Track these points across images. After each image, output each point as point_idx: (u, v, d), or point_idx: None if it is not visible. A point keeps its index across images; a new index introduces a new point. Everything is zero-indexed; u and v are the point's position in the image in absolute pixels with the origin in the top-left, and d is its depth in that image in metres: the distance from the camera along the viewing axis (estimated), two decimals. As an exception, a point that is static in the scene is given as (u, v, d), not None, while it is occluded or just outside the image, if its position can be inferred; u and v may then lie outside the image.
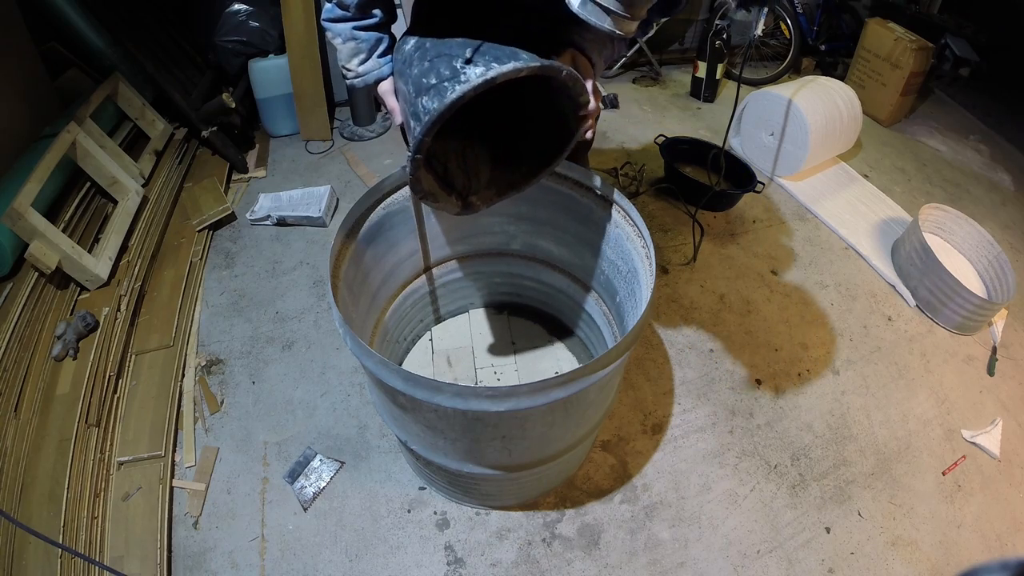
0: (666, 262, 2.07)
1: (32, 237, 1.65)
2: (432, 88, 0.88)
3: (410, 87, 0.92)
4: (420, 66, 0.92)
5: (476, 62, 0.87)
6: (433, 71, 0.89)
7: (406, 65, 0.95)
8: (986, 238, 2.11)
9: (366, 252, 1.25)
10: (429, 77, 0.89)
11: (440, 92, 0.87)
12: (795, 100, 2.27)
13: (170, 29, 2.49)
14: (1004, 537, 1.48)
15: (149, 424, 1.50)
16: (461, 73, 0.87)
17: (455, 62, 0.88)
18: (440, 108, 0.85)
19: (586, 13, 0.82)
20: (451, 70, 0.88)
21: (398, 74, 0.98)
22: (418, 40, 0.96)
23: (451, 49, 0.91)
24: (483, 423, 0.99)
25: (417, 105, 0.90)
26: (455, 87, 0.85)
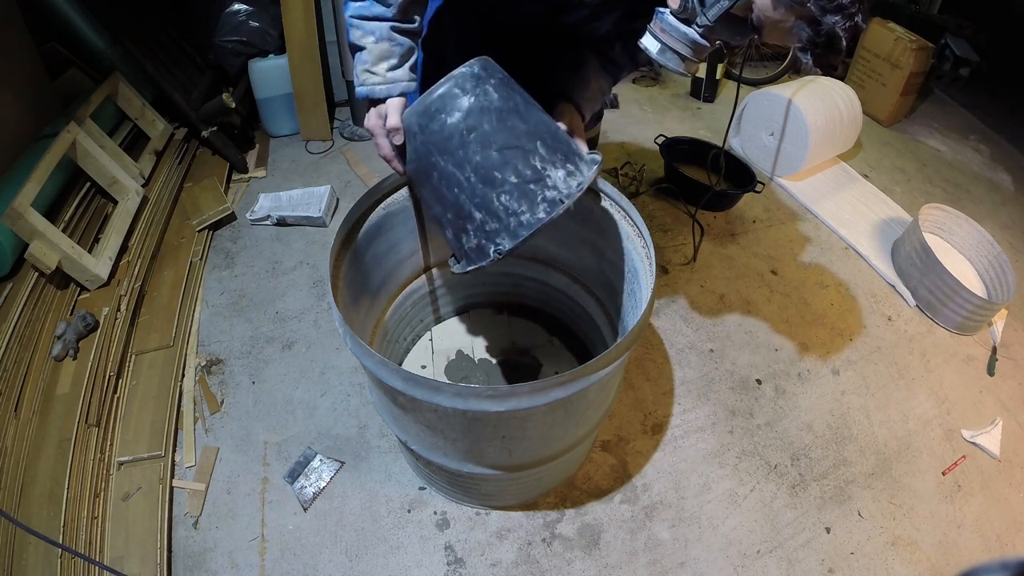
0: (666, 262, 2.07)
1: (32, 237, 1.65)
2: (514, 188, 0.84)
3: (466, 172, 0.86)
4: (482, 151, 0.85)
5: (555, 163, 0.86)
6: (509, 167, 0.85)
7: (446, 137, 0.87)
8: (986, 238, 2.11)
9: (366, 252, 1.25)
10: (505, 172, 0.85)
11: (531, 201, 0.84)
12: (795, 100, 2.27)
13: (170, 29, 2.49)
14: (1004, 537, 1.48)
15: (149, 424, 1.50)
16: (546, 177, 0.85)
17: (533, 159, 0.85)
18: (546, 220, 0.84)
19: (664, 59, 0.89)
20: (532, 170, 0.85)
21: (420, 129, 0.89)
22: (463, 115, 0.86)
23: (517, 138, 0.86)
24: (483, 423, 0.99)
25: (492, 200, 0.85)
26: (557, 202, 0.84)
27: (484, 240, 0.88)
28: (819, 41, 0.77)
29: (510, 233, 0.86)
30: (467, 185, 0.86)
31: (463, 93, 0.85)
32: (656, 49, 0.90)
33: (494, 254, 0.87)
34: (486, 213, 0.86)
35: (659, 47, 0.90)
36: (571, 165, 0.88)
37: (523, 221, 0.85)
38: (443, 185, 0.89)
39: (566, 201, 0.85)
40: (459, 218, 0.89)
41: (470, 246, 0.90)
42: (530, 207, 0.85)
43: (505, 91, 0.88)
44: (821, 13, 0.74)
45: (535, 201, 0.85)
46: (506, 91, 0.88)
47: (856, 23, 0.75)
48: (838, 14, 0.74)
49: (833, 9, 0.73)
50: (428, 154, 0.88)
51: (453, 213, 0.90)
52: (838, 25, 0.74)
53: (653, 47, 0.90)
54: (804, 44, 0.78)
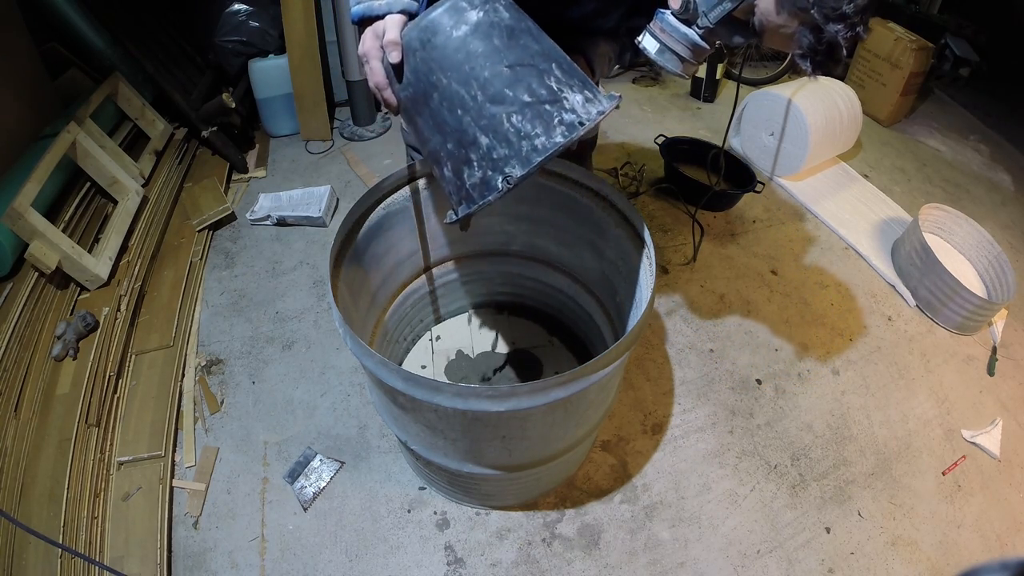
0: (666, 262, 2.07)
1: (32, 237, 1.65)
2: (527, 107, 0.75)
3: (472, 89, 0.76)
4: (491, 66, 0.76)
5: (572, 87, 0.78)
6: (522, 84, 0.75)
7: (452, 50, 0.77)
8: (986, 238, 2.11)
9: (366, 252, 1.25)
10: (517, 90, 0.75)
11: (547, 123, 0.75)
12: (795, 100, 2.27)
13: (170, 29, 2.49)
14: (1004, 537, 1.48)
15: (149, 424, 1.50)
16: (564, 99, 0.76)
17: (548, 79, 0.77)
18: (563, 143, 0.74)
19: (663, 60, 0.88)
20: (548, 90, 0.76)
21: (421, 45, 0.79)
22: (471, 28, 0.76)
23: (530, 56, 0.77)
24: (483, 423, 0.99)
25: (502, 122, 0.75)
26: (575, 125, 0.75)
27: (490, 170, 0.77)
28: (820, 49, 0.77)
29: (521, 159, 0.76)
30: (473, 105, 0.76)
31: (471, 7, 0.76)
32: (655, 49, 0.89)
33: (503, 184, 0.76)
34: (494, 137, 0.76)
35: (658, 47, 0.89)
36: (589, 92, 0.79)
37: (537, 145, 0.75)
38: (445, 108, 0.78)
39: (587, 123, 0.76)
40: (461, 146, 0.79)
41: (473, 181, 0.79)
42: (545, 129, 0.75)
43: (516, 12, 0.80)
44: (824, 21, 0.73)
45: (551, 123, 0.75)
46: (517, 12, 0.80)
47: (857, 33, 0.75)
48: (841, 23, 0.73)
49: (836, 18, 0.73)
50: (429, 72, 0.78)
51: (455, 141, 0.79)
52: (840, 34, 0.74)
53: (652, 47, 0.90)
54: (804, 51, 0.78)
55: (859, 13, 0.73)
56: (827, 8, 0.72)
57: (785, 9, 0.76)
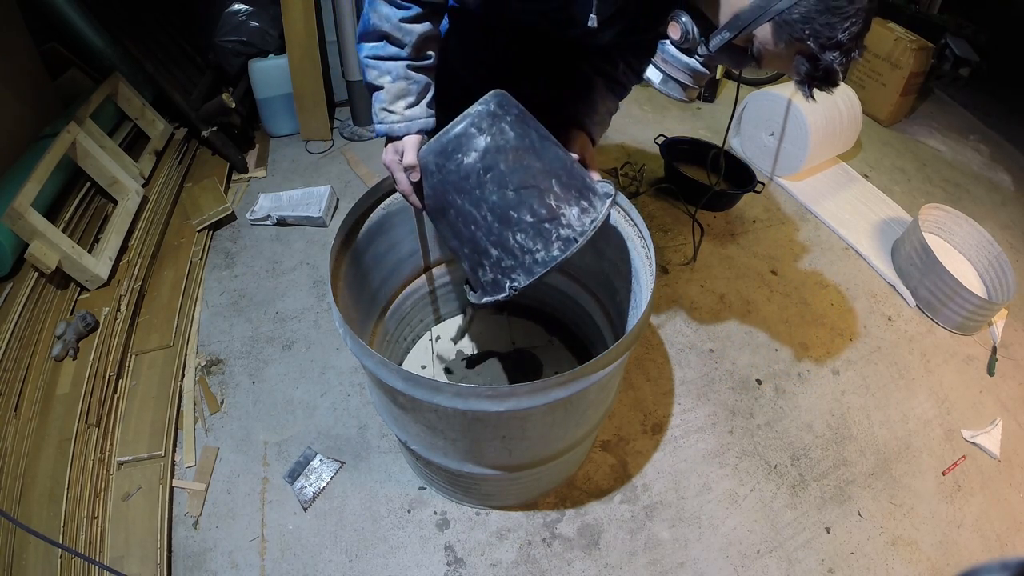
0: (666, 262, 2.07)
1: (32, 237, 1.65)
2: (530, 227, 0.86)
3: (483, 211, 0.88)
4: (498, 191, 0.87)
5: (569, 202, 0.88)
6: (525, 206, 0.86)
7: (462, 177, 0.88)
8: (986, 238, 2.11)
9: (366, 252, 1.25)
10: (521, 211, 0.86)
11: (547, 239, 0.87)
12: (795, 100, 2.27)
13: (170, 29, 2.49)
14: (1004, 537, 1.48)
15: (149, 424, 1.50)
16: (561, 216, 0.87)
17: (548, 198, 0.87)
18: (561, 258, 0.86)
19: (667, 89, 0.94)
20: (547, 209, 0.87)
21: (437, 168, 0.90)
22: (480, 155, 0.87)
23: (532, 177, 0.88)
24: (483, 423, 0.99)
25: (508, 239, 0.87)
26: (571, 240, 0.86)
27: (500, 275, 0.91)
28: (817, 75, 0.79)
29: (525, 270, 0.88)
30: (484, 223, 0.88)
31: (479, 132, 0.86)
32: (659, 80, 0.95)
33: (509, 290, 0.90)
34: (502, 250, 0.89)
35: (662, 77, 0.95)
36: (585, 202, 0.90)
37: (538, 259, 0.88)
38: (460, 222, 0.91)
39: (580, 240, 0.87)
40: (475, 253, 0.92)
41: (486, 279, 0.93)
42: (545, 245, 0.87)
43: (521, 128, 0.89)
44: (820, 50, 0.75)
45: (550, 239, 0.87)
46: (522, 128, 0.89)
47: (852, 57, 0.77)
48: (836, 51, 0.75)
49: (832, 46, 0.75)
50: (445, 192, 0.90)
51: (470, 248, 0.92)
52: (836, 62, 0.76)
53: (656, 77, 0.95)
54: (802, 77, 0.80)
55: (853, 40, 0.75)
56: (823, 38, 0.74)
57: (782, 39, 0.78)
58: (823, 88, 0.81)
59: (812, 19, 0.74)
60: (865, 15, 0.75)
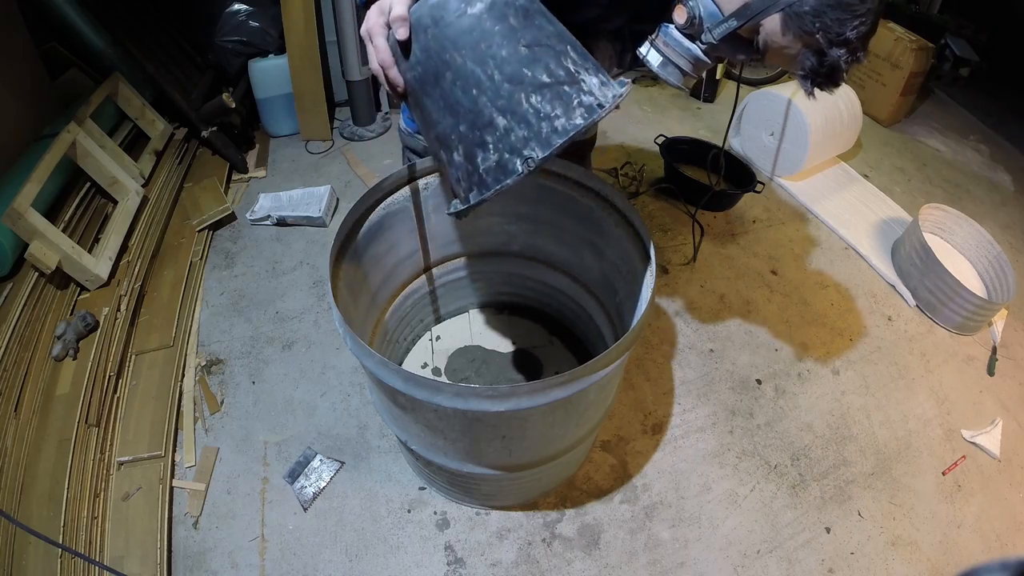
0: (666, 262, 2.07)
1: (32, 237, 1.65)
2: (547, 88, 0.73)
3: (489, 68, 0.73)
4: (508, 44, 0.73)
5: (588, 69, 0.76)
6: (540, 64, 0.73)
7: (465, 29, 0.74)
8: (986, 238, 2.11)
9: (366, 252, 1.25)
10: (535, 70, 0.73)
11: (567, 104, 0.73)
12: (795, 100, 2.27)
13: (170, 29, 2.49)
14: (1004, 537, 1.48)
15: (149, 424, 1.50)
16: (581, 81, 0.74)
17: (565, 61, 0.75)
18: (583, 126, 0.73)
19: (665, 73, 0.91)
20: (565, 71, 0.74)
21: (433, 22, 0.75)
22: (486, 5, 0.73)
23: (546, 37, 0.75)
24: (483, 423, 0.99)
25: (520, 101, 0.73)
26: (594, 107, 0.74)
27: (507, 152, 0.75)
28: (821, 71, 0.78)
29: (542, 141, 0.73)
30: (490, 84, 0.73)
31: None
32: (658, 62, 0.91)
33: (523, 167, 0.74)
34: (512, 118, 0.74)
35: (661, 60, 0.91)
36: (603, 76, 0.79)
37: (557, 127, 0.73)
38: (458, 87, 0.75)
39: (606, 105, 0.74)
40: (476, 128, 0.76)
41: (488, 165, 0.76)
42: (565, 110, 0.73)
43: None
44: (828, 45, 0.75)
45: (570, 104, 0.73)
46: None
47: (858, 57, 0.77)
48: (844, 48, 0.75)
49: (840, 43, 0.75)
50: (441, 50, 0.75)
51: (468, 123, 0.76)
52: (842, 58, 0.76)
53: (655, 60, 0.91)
54: (806, 72, 0.79)
55: (861, 39, 0.75)
56: (832, 33, 0.74)
57: (791, 31, 0.77)
58: (825, 87, 0.81)
59: (823, 13, 0.73)
60: (874, 16, 0.75)
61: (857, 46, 0.75)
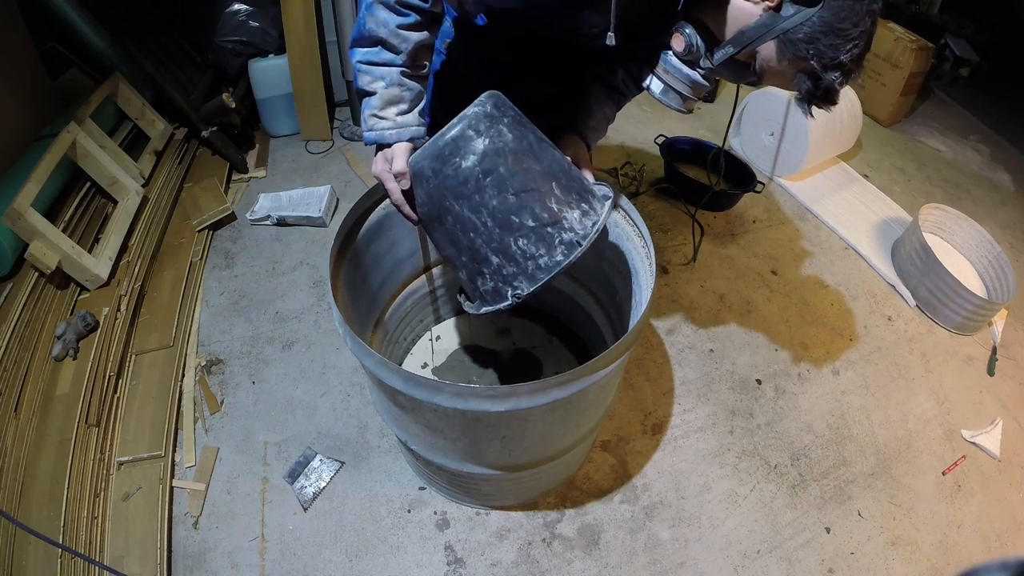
0: (666, 262, 2.07)
1: (32, 237, 1.65)
2: (532, 231, 0.84)
3: (482, 216, 0.85)
4: (498, 195, 0.84)
5: (570, 204, 0.86)
6: (526, 210, 0.84)
7: (460, 181, 0.84)
8: (986, 238, 2.11)
9: (366, 252, 1.25)
10: (522, 216, 0.84)
11: (549, 244, 0.84)
12: (795, 100, 2.27)
13: (170, 29, 2.49)
14: (1004, 537, 1.48)
15: (149, 424, 1.50)
16: (563, 219, 0.85)
17: (549, 201, 0.85)
18: (564, 263, 0.84)
19: (667, 100, 0.94)
20: (549, 213, 0.85)
21: (433, 173, 0.86)
22: (478, 158, 0.84)
23: (533, 180, 0.85)
24: (483, 423, 0.99)
25: (510, 245, 0.85)
26: (574, 244, 0.84)
27: (501, 283, 0.88)
28: (817, 94, 0.80)
29: (528, 277, 0.86)
30: (484, 230, 0.85)
31: (477, 135, 0.83)
32: (659, 90, 0.94)
33: (512, 298, 0.87)
34: (503, 257, 0.86)
35: (662, 87, 0.94)
36: (585, 204, 0.88)
37: (541, 265, 0.85)
38: (458, 229, 0.87)
39: (583, 243, 0.85)
40: (475, 261, 0.89)
41: (486, 288, 0.90)
42: (548, 250, 0.85)
43: (518, 130, 0.87)
44: (823, 70, 0.77)
45: (553, 244, 0.85)
46: (519, 130, 0.87)
47: (853, 78, 0.79)
48: (838, 71, 0.77)
49: (834, 67, 0.76)
50: (442, 198, 0.87)
51: (468, 256, 0.89)
52: (836, 82, 0.78)
53: (656, 88, 0.95)
54: (802, 95, 0.82)
55: (855, 61, 0.77)
56: (826, 59, 0.76)
57: (786, 57, 0.79)
58: (822, 106, 0.83)
59: (817, 39, 0.75)
60: (867, 38, 0.77)
61: (851, 68, 0.77)
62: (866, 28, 0.75)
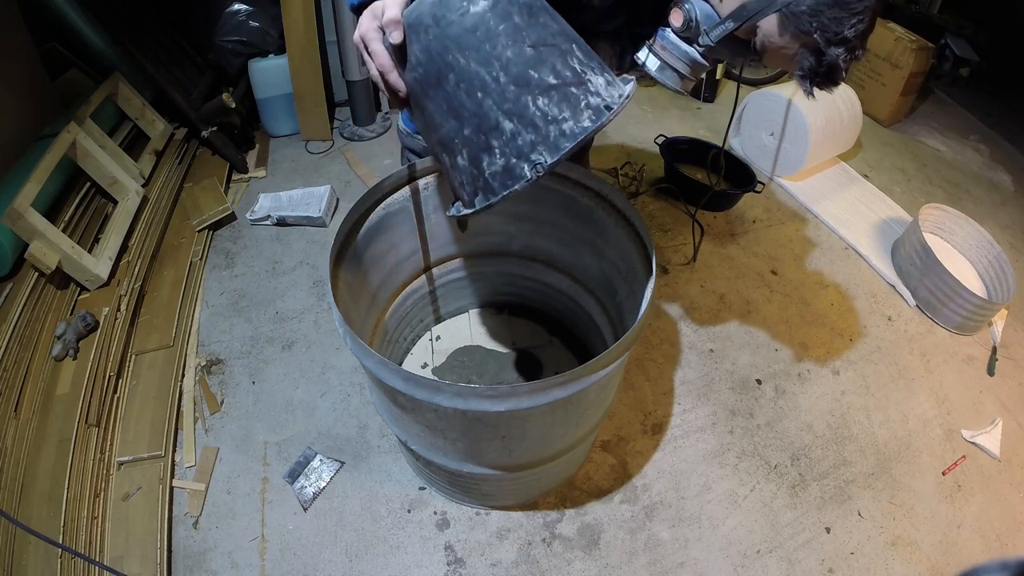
0: (666, 262, 2.07)
1: (32, 237, 1.65)
2: (553, 89, 0.70)
3: (494, 70, 0.70)
4: (513, 45, 0.70)
5: (594, 68, 0.74)
6: (546, 65, 0.70)
7: (468, 28, 0.70)
8: (986, 238, 2.11)
9: (366, 252, 1.25)
10: (542, 71, 0.70)
11: (574, 106, 0.71)
12: (795, 100, 2.27)
13: (170, 29, 2.49)
14: (1004, 537, 1.48)
15: (149, 424, 1.50)
16: (588, 81, 0.72)
17: (571, 60, 0.72)
18: (592, 129, 0.70)
19: (663, 77, 0.92)
20: (572, 72, 0.72)
21: (435, 21, 0.71)
22: (489, 2, 0.70)
23: (551, 35, 0.72)
24: (483, 423, 0.99)
25: (527, 105, 0.71)
26: (602, 109, 0.71)
27: (515, 157, 0.72)
28: (820, 71, 0.78)
29: (550, 145, 0.71)
30: (495, 87, 0.70)
31: None
32: (656, 67, 0.91)
33: (531, 172, 0.72)
34: (519, 121, 0.71)
35: (659, 64, 0.91)
36: (608, 75, 0.76)
37: (565, 131, 0.71)
38: (462, 90, 0.72)
39: (614, 107, 0.72)
40: (481, 132, 0.73)
41: (494, 169, 0.74)
42: (573, 113, 0.71)
43: None
44: (826, 45, 0.75)
45: (578, 107, 0.71)
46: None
47: (856, 56, 0.77)
48: (842, 47, 0.75)
49: (838, 42, 0.74)
50: (444, 51, 0.72)
51: (473, 127, 0.73)
52: (840, 58, 0.75)
53: (653, 65, 0.92)
54: (805, 72, 0.79)
55: (859, 37, 0.75)
56: (829, 33, 0.74)
57: (788, 32, 0.77)
58: (824, 86, 0.81)
59: (820, 12, 0.73)
60: (872, 14, 0.74)
61: (855, 44, 0.75)
62: (871, 3, 0.73)
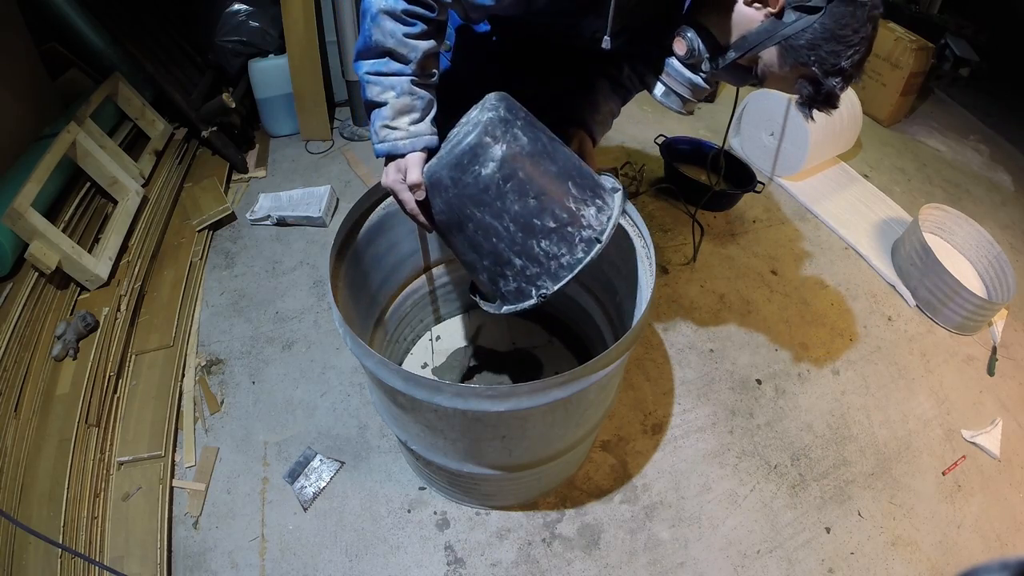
0: (666, 262, 2.07)
1: (32, 237, 1.65)
2: (553, 232, 0.85)
3: (504, 222, 0.85)
4: (519, 200, 0.84)
5: (586, 201, 0.88)
6: (547, 212, 0.85)
7: (482, 189, 0.84)
8: (986, 238, 2.11)
9: (366, 252, 1.25)
10: (543, 218, 0.85)
11: (570, 243, 0.86)
12: (795, 100, 2.27)
13: (170, 29, 2.49)
14: (1004, 537, 1.48)
15: (149, 424, 1.50)
16: (581, 217, 0.86)
17: (567, 201, 0.86)
18: (586, 260, 0.86)
19: (668, 102, 0.96)
20: (568, 213, 0.86)
21: (453, 183, 0.85)
22: (497, 165, 0.84)
23: (551, 181, 0.86)
24: (483, 423, 0.99)
25: (532, 247, 0.86)
26: (593, 241, 0.86)
27: (524, 284, 0.89)
28: (818, 99, 0.81)
29: (552, 276, 0.87)
30: (506, 235, 0.86)
31: (494, 141, 0.83)
32: (660, 92, 0.96)
33: (538, 297, 0.88)
34: (527, 259, 0.87)
35: (663, 90, 0.95)
36: (599, 200, 0.90)
37: (564, 263, 0.87)
38: (479, 235, 0.88)
39: (603, 239, 0.87)
40: (497, 264, 0.90)
41: (508, 289, 0.91)
42: (569, 249, 0.86)
43: (531, 132, 0.88)
44: (824, 76, 0.78)
45: (573, 243, 0.86)
46: (532, 131, 0.88)
47: (853, 82, 0.80)
48: (839, 76, 0.78)
49: (835, 72, 0.77)
50: (462, 206, 0.87)
51: (491, 260, 0.90)
52: (837, 87, 0.78)
53: (658, 90, 0.96)
54: (804, 100, 0.83)
55: (856, 66, 0.77)
56: (827, 65, 0.77)
57: (788, 63, 0.80)
58: (823, 109, 0.84)
59: (818, 46, 0.76)
60: (868, 44, 0.77)
61: (852, 73, 0.78)
62: (867, 34, 0.76)
